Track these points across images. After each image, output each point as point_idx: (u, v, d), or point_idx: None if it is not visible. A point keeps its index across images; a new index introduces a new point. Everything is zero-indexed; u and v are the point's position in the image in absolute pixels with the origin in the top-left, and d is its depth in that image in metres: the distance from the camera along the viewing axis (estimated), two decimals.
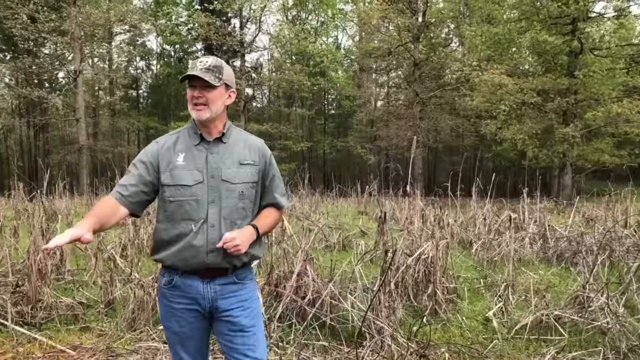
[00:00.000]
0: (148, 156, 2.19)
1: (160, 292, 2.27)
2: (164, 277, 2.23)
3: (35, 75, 27.88)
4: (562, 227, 8.46)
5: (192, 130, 2.26)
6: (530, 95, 18.23)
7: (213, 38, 27.74)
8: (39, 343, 3.97)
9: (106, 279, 4.90)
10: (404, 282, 5.02)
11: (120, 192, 2.12)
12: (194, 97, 2.18)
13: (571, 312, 4.33)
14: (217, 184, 2.17)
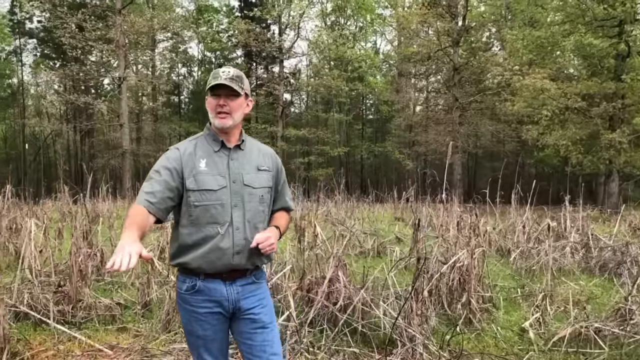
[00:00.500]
0: (171, 162, 2.21)
1: (180, 298, 2.29)
2: (185, 283, 2.25)
3: (82, 82, 28.86)
4: (607, 236, 8.18)
5: (210, 137, 2.32)
6: (574, 100, 17.68)
7: (252, 44, 28.17)
8: (78, 342, 4.09)
9: (143, 280, 5.02)
10: (438, 290, 4.95)
11: (149, 200, 2.12)
12: (219, 106, 2.24)
13: (612, 325, 4.17)
14: (239, 189, 2.24)
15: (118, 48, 25.04)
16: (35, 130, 35.72)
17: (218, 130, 2.28)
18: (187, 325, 2.31)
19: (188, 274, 2.25)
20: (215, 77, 2.23)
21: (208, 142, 2.30)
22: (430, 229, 9.79)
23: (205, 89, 2.41)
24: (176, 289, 2.33)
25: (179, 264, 2.25)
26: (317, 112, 35.36)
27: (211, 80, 2.23)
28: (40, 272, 5.03)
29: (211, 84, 2.21)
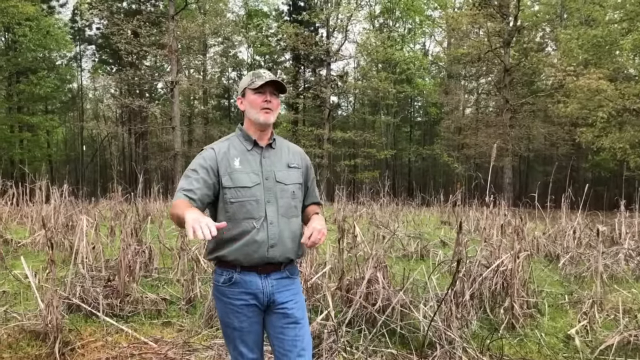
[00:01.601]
0: (207, 161, 2.31)
1: (217, 291, 2.37)
2: (222, 275, 2.33)
3: (137, 86, 29.93)
4: None
5: (242, 137, 2.42)
6: (633, 101, 16.91)
7: (300, 48, 28.45)
8: (125, 334, 4.27)
9: (188, 277, 5.17)
10: (480, 294, 4.87)
11: (189, 196, 2.20)
12: (265, 102, 2.35)
13: None
14: (272, 185, 2.34)
15: (171, 53, 25.81)
16: (92, 132, 37.32)
17: (259, 126, 2.38)
18: (223, 317, 2.38)
19: (225, 266, 2.32)
20: (259, 76, 2.36)
21: (241, 141, 2.41)
22: (477, 233, 9.62)
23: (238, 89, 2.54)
24: (213, 282, 2.41)
25: (216, 257, 2.32)
26: (364, 115, 35.30)
27: (255, 79, 2.35)
28: (91, 267, 5.26)
29: (257, 82, 2.34)
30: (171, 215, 2.16)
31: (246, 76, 2.44)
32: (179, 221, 2.07)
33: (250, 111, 2.37)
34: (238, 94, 2.47)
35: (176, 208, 2.11)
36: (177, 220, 2.10)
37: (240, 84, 2.47)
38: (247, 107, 2.39)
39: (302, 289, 4.60)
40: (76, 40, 34.93)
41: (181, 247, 5.82)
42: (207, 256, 2.40)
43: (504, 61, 24.57)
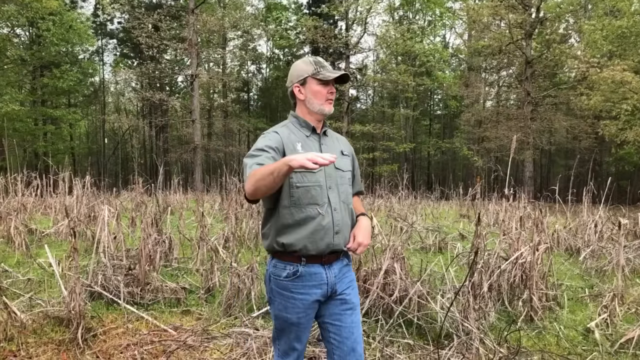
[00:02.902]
0: (274, 142, 2.24)
1: (278, 286, 2.28)
2: (286, 269, 2.26)
3: (157, 79, 30.20)
4: None
5: (298, 123, 2.39)
6: None
7: (320, 41, 28.39)
8: (145, 321, 4.34)
9: (207, 267, 5.24)
10: (499, 286, 4.85)
11: None
12: (330, 93, 2.35)
13: None
14: (332, 172, 2.33)
15: (191, 46, 26.00)
16: (114, 126, 37.80)
17: (320, 116, 2.37)
18: (282, 312, 2.29)
19: (289, 259, 2.26)
20: (323, 65, 2.35)
21: (298, 128, 2.37)
22: (496, 227, 9.54)
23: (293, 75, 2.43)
24: (271, 276, 2.31)
25: (283, 246, 2.24)
26: (383, 108, 35.14)
27: (320, 69, 2.33)
28: (113, 256, 5.36)
29: (324, 72, 2.32)
30: (254, 182, 1.96)
31: (304, 63, 2.37)
32: (271, 177, 1.90)
33: (312, 101, 2.34)
34: (294, 81, 2.37)
35: (259, 172, 1.96)
36: (267, 178, 1.91)
37: (297, 71, 2.38)
38: (308, 96, 2.34)
39: None
40: (98, 34, 35.40)
41: (200, 237, 5.90)
42: (271, 244, 2.28)
43: (526, 53, 24.20)
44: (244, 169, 2.14)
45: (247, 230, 7.60)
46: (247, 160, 2.16)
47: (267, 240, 2.31)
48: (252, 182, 1.98)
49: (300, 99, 2.37)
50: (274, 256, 2.31)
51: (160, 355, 3.76)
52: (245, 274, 4.69)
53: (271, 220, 2.29)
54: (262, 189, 1.97)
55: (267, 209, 2.31)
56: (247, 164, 2.13)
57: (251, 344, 3.84)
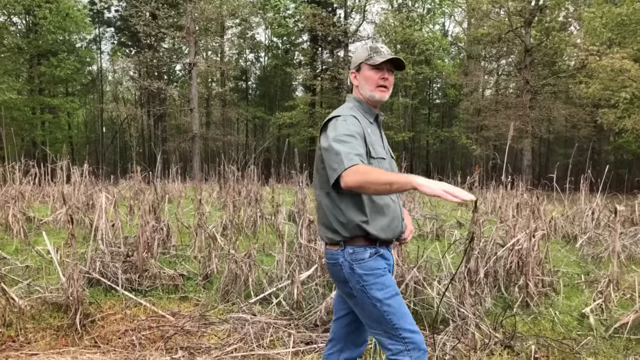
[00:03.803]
0: (358, 128, 2.20)
1: (365, 269, 2.21)
2: (367, 250, 2.22)
3: (155, 68, 30.10)
4: None
5: (362, 109, 2.36)
6: None
7: (318, 29, 28.26)
8: (143, 307, 4.37)
9: (205, 254, 5.26)
10: (495, 272, 4.88)
11: (363, 162, 2.08)
12: (383, 79, 2.32)
13: None
14: (390, 159, 2.38)
15: (188, 35, 25.88)
16: (112, 114, 37.69)
17: (373, 103, 2.36)
18: (385, 289, 2.22)
19: (366, 243, 2.23)
20: (377, 51, 2.31)
21: (361, 113, 2.34)
22: (493, 214, 9.57)
23: (351, 62, 2.46)
24: (351, 266, 2.22)
25: (367, 233, 2.20)
26: None
27: (373, 54, 2.30)
28: (111, 243, 5.38)
29: (376, 58, 2.28)
30: (363, 181, 1.95)
31: (362, 49, 2.37)
32: (387, 187, 1.93)
33: (364, 87, 2.33)
34: (351, 68, 2.39)
35: (374, 174, 1.96)
36: (382, 186, 1.94)
37: (354, 57, 2.39)
38: (361, 82, 2.34)
39: (318, 265, 4.67)
40: (95, 22, 35.14)
41: (198, 225, 5.92)
42: (351, 232, 2.21)
43: (525, 41, 24.12)
44: (336, 155, 2.06)
45: (245, 218, 7.62)
46: (340, 146, 2.08)
47: (344, 228, 2.21)
48: (361, 180, 1.96)
49: (355, 85, 2.39)
50: (347, 245, 2.23)
51: (158, 341, 3.79)
52: (243, 261, 4.71)
53: (350, 209, 2.21)
54: (370, 190, 2.01)
55: (339, 194, 2.22)
56: (343, 152, 2.05)
57: (248, 329, 3.87)
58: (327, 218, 2.27)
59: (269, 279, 4.77)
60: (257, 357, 3.56)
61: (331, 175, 2.09)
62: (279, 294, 4.48)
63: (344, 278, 2.24)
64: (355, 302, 2.27)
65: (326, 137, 2.18)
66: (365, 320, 2.30)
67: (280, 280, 4.68)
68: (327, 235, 2.29)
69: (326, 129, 2.22)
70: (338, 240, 2.24)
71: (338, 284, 2.33)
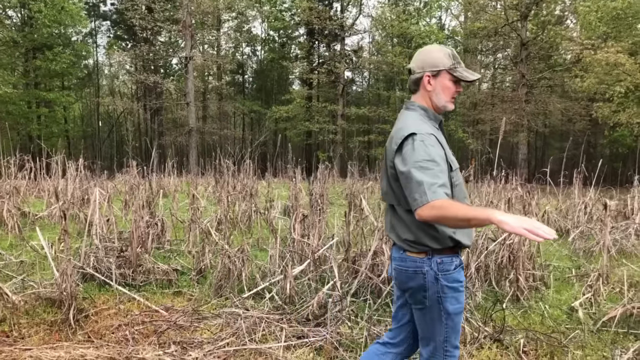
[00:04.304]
0: (439, 151, 2.14)
1: (448, 280, 2.20)
2: (453, 261, 2.22)
3: (152, 62, 29.99)
4: None
5: (427, 116, 2.30)
6: None
7: (315, 22, 28.18)
8: (137, 302, 4.41)
9: (199, 249, 5.29)
10: (487, 267, 4.93)
11: (447, 194, 2.03)
12: (457, 92, 2.31)
13: None
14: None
15: (185, 28, 25.79)
16: (108, 108, 37.59)
17: (440, 111, 2.33)
18: (455, 305, 2.22)
19: (451, 253, 2.22)
20: (459, 62, 2.27)
21: (426, 120, 2.27)
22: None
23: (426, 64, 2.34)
24: (436, 276, 2.19)
25: (457, 242, 2.19)
26: (378, 91, 34.98)
27: (457, 66, 2.25)
28: (105, 238, 5.41)
29: (462, 72, 2.26)
30: (442, 216, 1.95)
31: (441, 53, 2.26)
32: (465, 223, 1.94)
33: (439, 96, 2.27)
34: (427, 70, 2.26)
35: (453, 210, 1.93)
36: (461, 222, 1.94)
37: (432, 59, 2.26)
38: (437, 89, 2.27)
39: (311, 260, 4.71)
40: (91, 16, 34.98)
41: (192, 220, 5.94)
42: (442, 242, 2.18)
43: (521, 35, 24.10)
44: (418, 186, 2.00)
45: (239, 213, 7.65)
46: (422, 175, 2.01)
47: (436, 241, 2.17)
48: (439, 215, 1.95)
49: (427, 90, 2.28)
50: (435, 254, 2.19)
51: (152, 335, 3.82)
52: (237, 256, 4.74)
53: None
54: (448, 225, 2.03)
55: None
56: (425, 183, 1.99)
57: (241, 323, 3.90)
58: (414, 231, 2.20)
59: (262, 274, 4.81)
60: (249, 351, 3.59)
61: (411, 204, 2.04)
62: (272, 289, 4.52)
63: (423, 286, 2.19)
64: (421, 309, 2.25)
65: (403, 159, 2.10)
66: (421, 327, 2.30)
67: (273, 275, 4.72)
68: (411, 244, 2.22)
69: (402, 149, 2.13)
70: (426, 249, 2.20)
71: (410, 290, 2.26)
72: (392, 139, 2.22)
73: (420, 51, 2.35)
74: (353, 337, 3.77)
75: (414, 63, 2.31)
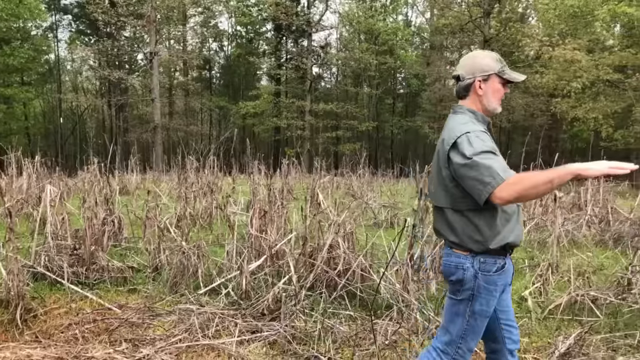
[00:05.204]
0: (493, 145, 2.20)
1: (487, 282, 2.24)
2: (496, 263, 2.24)
3: (116, 57, 29.40)
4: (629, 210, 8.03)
5: (475, 118, 2.34)
6: (606, 72, 17.07)
7: (282, 18, 28.07)
8: (89, 301, 4.34)
9: (155, 245, 5.23)
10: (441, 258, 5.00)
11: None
12: (505, 93, 2.38)
13: (609, 294, 4.16)
14: None
15: (149, 23, 25.37)
16: (72, 105, 36.70)
17: (489, 114, 2.39)
18: (483, 307, 2.27)
19: (498, 254, 2.25)
20: (505, 64, 2.35)
21: (474, 123, 2.31)
22: None
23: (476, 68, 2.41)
24: (476, 274, 2.24)
25: (505, 243, 2.23)
26: (346, 87, 35.10)
27: (505, 69, 2.33)
28: (58, 236, 5.29)
29: (511, 73, 2.34)
30: (523, 190, 1.98)
31: (490, 58, 2.34)
32: (548, 186, 1.96)
33: (490, 99, 2.33)
34: (477, 75, 2.32)
35: (530, 179, 1.98)
36: (542, 186, 1.96)
37: (481, 64, 2.33)
38: (487, 92, 2.33)
39: (268, 255, 4.71)
40: (51, 9, 33.99)
41: (147, 216, 5.87)
42: (488, 243, 2.21)
43: (484, 32, 24.53)
44: (487, 170, 2.05)
45: (200, 209, 7.59)
46: (487, 161, 2.07)
47: (480, 245, 2.22)
48: (520, 189, 1.98)
49: (478, 94, 2.34)
50: (478, 254, 2.24)
51: (103, 333, 3.77)
52: (192, 251, 4.71)
53: (485, 226, 2.22)
54: (531, 196, 2.07)
55: (474, 211, 2.22)
56: (494, 166, 2.04)
57: (194, 319, 3.88)
58: (456, 236, 2.27)
59: (218, 270, 4.79)
60: (201, 347, 3.58)
61: (482, 190, 2.07)
62: (228, 285, 4.50)
63: (462, 280, 2.27)
64: (452, 299, 2.35)
65: (461, 153, 2.15)
66: (446, 316, 2.40)
67: (229, 271, 4.70)
68: (458, 244, 2.29)
69: (457, 145, 2.18)
70: (471, 248, 2.25)
71: (449, 281, 2.35)
72: (444, 140, 2.28)
73: (467, 57, 2.45)
74: (307, 330, 3.80)
75: (463, 69, 2.38)
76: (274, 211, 5.33)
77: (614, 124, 18.40)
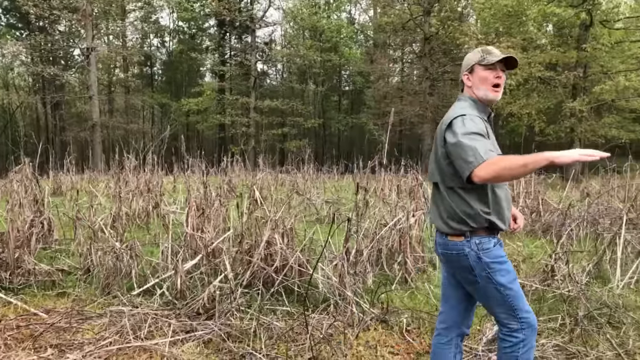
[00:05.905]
0: (484, 128, 2.31)
1: (491, 257, 2.36)
2: (491, 240, 2.38)
3: (49, 52, 28.15)
4: (558, 201, 8.42)
5: (477, 108, 2.45)
6: (538, 69, 17.87)
7: (224, 14, 27.69)
8: (13, 306, 4.13)
9: (86, 246, 5.05)
10: (379, 252, 5.09)
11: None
12: (497, 78, 2.43)
13: (534, 281, 4.34)
14: None
15: (84, 17, 24.43)
16: (3, 102, 34.89)
17: (487, 102, 2.46)
18: (509, 274, 2.39)
19: (490, 233, 2.38)
20: (490, 52, 2.44)
21: (477, 111, 2.41)
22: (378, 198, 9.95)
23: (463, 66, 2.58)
24: (477, 256, 2.37)
25: (490, 222, 2.35)
26: (291, 83, 35.06)
27: (486, 55, 2.43)
28: None
29: (489, 58, 2.41)
30: (500, 170, 2.09)
31: (473, 53, 2.50)
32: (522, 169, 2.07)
33: (478, 87, 2.44)
34: (463, 70, 2.52)
35: (506, 161, 2.09)
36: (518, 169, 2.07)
37: (466, 60, 2.52)
38: (475, 82, 2.45)
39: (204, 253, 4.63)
40: None
41: (77, 217, 5.66)
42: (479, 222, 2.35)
43: (424, 30, 25.06)
44: (471, 150, 2.17)
45: (137, 209, 7.38)
46: (472, 142, 2.19)
47: (472, 219, 2.34)
48: (498, 169, 2.09)
49: (468, 85, 2.50)
50: (473, 235, 2.36)
51: (27, 340, 3.60)
52: (125, 252, 4.58)
53: (476, 202, 2.34)
54: (506, 177, 2.16)
55: (464, 189, 2.34)
56: (478, 148, 2.17)
57: (125, 321, 3.77)
58: (452, 210, 2.39)
59: (153, 270, 4.68)
60: (133, 349, 3.48)
61: (465, 168, 2.20)
62: (163, 285, 4.40)
63: (470, 267, 2.38)
64: (476, 287, 2.43)
65: (454, 133, 2.28)
66: (485, 303, 2.48)
67: (164, 271, 4.59)
68: (451, 226, 2.40)
69: (452, 126, 2.31)
70: (464, 230, 2.36)
71: (460, 272, 2.46)
72: (443, 122, 2.42)
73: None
74: (242, 328, 3.76)
75: (461, 71, 2.58)
76: (211, 209, 5.26)
77: (546, 120, 19.25)
